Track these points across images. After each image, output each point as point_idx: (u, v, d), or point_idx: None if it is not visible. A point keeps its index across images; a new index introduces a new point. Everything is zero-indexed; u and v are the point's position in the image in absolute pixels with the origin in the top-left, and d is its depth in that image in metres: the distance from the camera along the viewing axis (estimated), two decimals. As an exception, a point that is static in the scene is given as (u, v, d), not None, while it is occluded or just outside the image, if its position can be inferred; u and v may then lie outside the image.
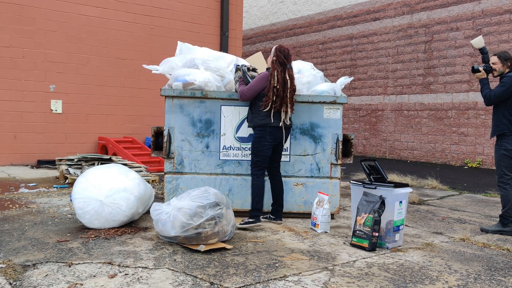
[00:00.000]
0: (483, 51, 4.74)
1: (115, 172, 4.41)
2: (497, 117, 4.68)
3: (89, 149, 9.82)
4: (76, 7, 9.54)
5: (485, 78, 4.74)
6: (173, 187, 4.87)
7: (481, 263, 3.65)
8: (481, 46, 4.75)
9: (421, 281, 3.17)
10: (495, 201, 6.59)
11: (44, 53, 9.23)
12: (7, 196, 5.82)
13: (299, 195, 4.96)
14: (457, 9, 11.51)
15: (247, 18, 17.93)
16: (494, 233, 4.66)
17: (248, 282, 3.02)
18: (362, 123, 13.78)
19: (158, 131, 4.89)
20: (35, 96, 9.18)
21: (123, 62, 10.16)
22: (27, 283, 2.90)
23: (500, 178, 4.68)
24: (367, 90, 13.61)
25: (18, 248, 3.63)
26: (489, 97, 4.65)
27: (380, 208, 3.86)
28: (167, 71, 5.08)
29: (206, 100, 4.87)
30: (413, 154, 12.43)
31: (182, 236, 3.70)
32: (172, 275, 3.11)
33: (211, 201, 3.79)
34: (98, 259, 3.41)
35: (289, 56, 4.53)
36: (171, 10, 10.74)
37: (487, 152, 10.90)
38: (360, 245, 3.90)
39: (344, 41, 14.36)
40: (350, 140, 5.03)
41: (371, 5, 13.55)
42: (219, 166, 4.92)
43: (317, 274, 3.23)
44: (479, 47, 4.76)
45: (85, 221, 4.23)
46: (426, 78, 12.13)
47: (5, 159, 8.93)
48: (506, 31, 10.56)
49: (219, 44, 11.35)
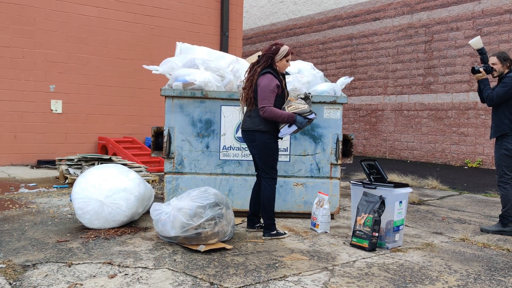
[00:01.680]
0: (482, 51, 4.72)
1: (115, 172, 4.41)
2: (498, 118, 4.67)
3: (89, 149, 9.82)
4: (76, 7, 9.53)
5: (485, 79, 4.73)
6: (173, 187, 4.87)
7: (481, 263, 3.65)
8: (480, 47, 4.74)
9: (421, 281, 3.17)
10: (495, 201, 6.59)
11: (44, 53, 9.23)
12: (7, 196, 5.82)
13: (299, 195, 4.95)
14: (457, 9, 11.51)
15: (247, 18, 17.93)
16: (494, 233, 4.66)
17: (248, 282, 3.02)
18: (362, 123, 13.77)
19: (158, 131, 4.89)
20: (35, 96, 9.18)
21: (123, 62, 10.16)
22: (27, 283, 2.90)
23: (501, 178, 4.68)
24: (367, 90, 13.61)
25: (18, 248, 3.63)
26: (491, 98, 4.64)
27: (380, 208, 3.86)
28: (167, 71, 5.08)
29: (206, 100, 4.87)
30: (413, 154, 12.43)
31: (182, 236, 3.70)
32: (172, 275, 3.11)
33: (211, 201, 3.79)
34: (98, 259, 3.41)
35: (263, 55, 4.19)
36: (171, 10, 10.74)
37: (487, 152, 10.90)
38: (360, 245, 3.90)
39: (344, 41, 14.35)
40: (350, 140, 5.02)
41: (371, 5, 13.55)
42: (219, 166, 4.92)
43: (317, 274, 3.23)
44: (478, 48, 4.75)
45: (85, 221, 4.23)
46: (426, 78, 12.13)
47: (5, 159, 8.93)
48: (506, 31, 10.56)
49: (219, 44, 11.35)
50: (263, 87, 4.01)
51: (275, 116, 3.99)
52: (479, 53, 4.75)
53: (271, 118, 4.01)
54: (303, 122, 4.01)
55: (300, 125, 4.02)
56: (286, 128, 4.05)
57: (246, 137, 4.21)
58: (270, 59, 4.10)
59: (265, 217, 4.18)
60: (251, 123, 4.13)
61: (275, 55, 4.10)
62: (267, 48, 4.16)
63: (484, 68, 4.70)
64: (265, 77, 4.04)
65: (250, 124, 4.13)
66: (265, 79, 4.04)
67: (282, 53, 4.10)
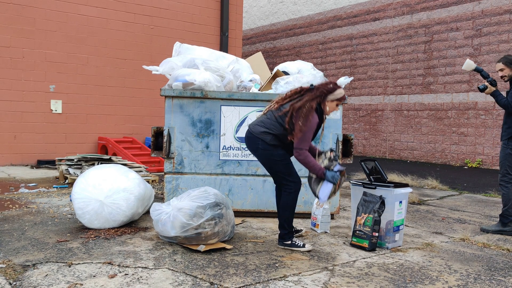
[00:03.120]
0: (477, 69, 4.74)
1: (115, 172, 4.41)
2: (511, 120, 4.68)
3: (89, 149, 9.82)
4: (76, 7, 9.54)
5: (495, 91, 4.73)
6: (173, 187, 4.87)
7: (481, 263, 3.65)
8: (473, 67, 4.77)
9: (421, 281, 3.17)
10: (495, 201, 6.59)
11: (44, 53, 9.23)
12: (7, 196, 5.82)
13: (299, 195, 4.94)
14: (457, 9, 11.51)
15: (247, 18, 17.93)
16: (494, 233, 4.66)
17: (248, 282, 3.02)
18: (362, 123, 13.78)
19: (158, 131, 4.89)
20: (35, 96, 9.18)
21: (123, 62, 10.16)
22: (27, 283, 2.90)
23: (503, 177, 4.69)
24: (367, 90, 13.61)
25: (18, 248, 3.63)
26: (508, 104, 4.64)
27: (380, 208, 3.86)
28: (167, 71, 5.07)
29: (206, 100, 4.87)
30: (413, 154, 12.43)
31: (182, 236, 3.70)
32: (172, 275, 3.11)
33: (211, 202, 3.79)
34: (98, 259, 3.41)
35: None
36: (171, 10, 10.74)
37: (487, 152, 10.90)
38: (360, 245, 3.90)
39: (344, 41, 14.36)
40: (350, 140, 5.03)
41: (371, 5, 13.55)
42: (219, 166, 4.93)
43: (317, 274, 3.23)
44: (472, 69, 4.77)
45: (85, 221, 4.23)
46: (426, 78, 12.13)
47: (5, 159, 8.93)
48: (506, 31, 10.56)
49: (219, 44, 11.35)
50: (309, 126, 3.68)
51: (308, 164, 3.73)
52: (477, 72, 4.77)
53: (303, 164, 3.75)
54: (335, 176, 3.74)
55: (332, 180, 3.75)
56: (324, 189, 3.80)
57: (249, 145, 3.93)
58: (324, 96, 3.78)
59: (279, 224, 3.92)
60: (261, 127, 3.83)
61: (329, 94, 3.78)
62: (324, 83, 3.84)
63: (489, 82, 4.71)
64: (314, 117, 3.71)
65: (259, 129, 3.84)
66: (314, 119, 3.71)
67: (338, 95, 3.79)
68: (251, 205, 4.95)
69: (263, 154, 3.83)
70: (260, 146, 3.80)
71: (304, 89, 3.87)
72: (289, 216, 3.86)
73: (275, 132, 3.77)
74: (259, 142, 3.80)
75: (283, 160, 3.82)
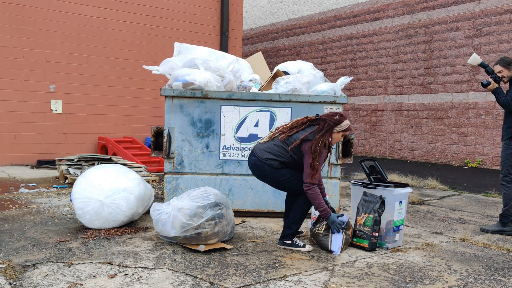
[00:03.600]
0: (483, 65, 4.75)
1: (115, 172, 4.41)
2: (511, 119, 4.69)
3: (89, 149, 9.82)
4: (76, 7, 9.54)
5: (497, 88, 4.74)
6: (173, 187, 4.87)
7: (481, 263, 3.65)
8: (479, 62, 4.77)
9: (421, 281, 3.17)
10: (495, 201, 6.59)
11: (44, 53, 9.24)
12: (7, 196, 5.82)
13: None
14: (457, 9, 11.51)
15: (247, 18, 17.93)
16: (494, 233, 4.66)
17: (248, 282, 3.02)
18: (362, 123, 13.78)
19: (158, 131, 4.89)
20: (35, 96, 9.18)
21: (123, 62, 10.16)
22: (27, 283, 2.90)
23: (504, 177, 4.69)
24: (367, 90, 13.61)
25: (18, 248, 3.63)
26: (507, 103, 4.65)
27: (380, 208, 3.86)
28: (167, 71, 5.07)
29: (206, 100, 4.87)
30: (413, 154, 12.43)
31: (182, 236, 3.70)
32: (172, 275, 3.11)
33: (211, 202, 3.79)
34: (98, 259, 3.41)
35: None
36: (171, 10, 10.74)
37: (487, 152, 10.90)
38: (360, 245, 3.90)
39: (344, 41, 14.36)
40: (350, 140, 5.02)
41: (371, 5, 13.55)
42: (219, 166, 4.93)
43: (317, 274, 3.23)
44: (478, 64, 4.78)
45: (85, 221, 4.23)
46: (426, 78, 12.13)
47: (5, 159, 8.93)
48: (506, 31, 10.56)
49: (219, 44, 11.35)
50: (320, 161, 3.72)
51: (315, 200, 3.73)
52: (481, 67, 4.78)
53: (311, 199, 3.74)
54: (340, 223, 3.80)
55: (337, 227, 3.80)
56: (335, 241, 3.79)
57: (256, 172, 3.92)
58: (331, 128, 3.79)
59: (286, 225, 3.93)
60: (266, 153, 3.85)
61: (336, 126, 3.80)
62: (330, 114, 3.86)
63: (493, 78, 4.72)
64: (324, 152, 3.74)
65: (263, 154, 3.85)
66: (324, 153, 3.74)
67: (344, 126, 3.82)
68: (251, 205, 4.95)
69: (272, 178, 3.84)
70: (267, 171, 3.81)
71: (310, 119, 3.90)
72: (298, 218, 3.89)
73: (283, 160, 3.81)
74: (266, 167, 3.80)
75: (293, 175, 3.83)
